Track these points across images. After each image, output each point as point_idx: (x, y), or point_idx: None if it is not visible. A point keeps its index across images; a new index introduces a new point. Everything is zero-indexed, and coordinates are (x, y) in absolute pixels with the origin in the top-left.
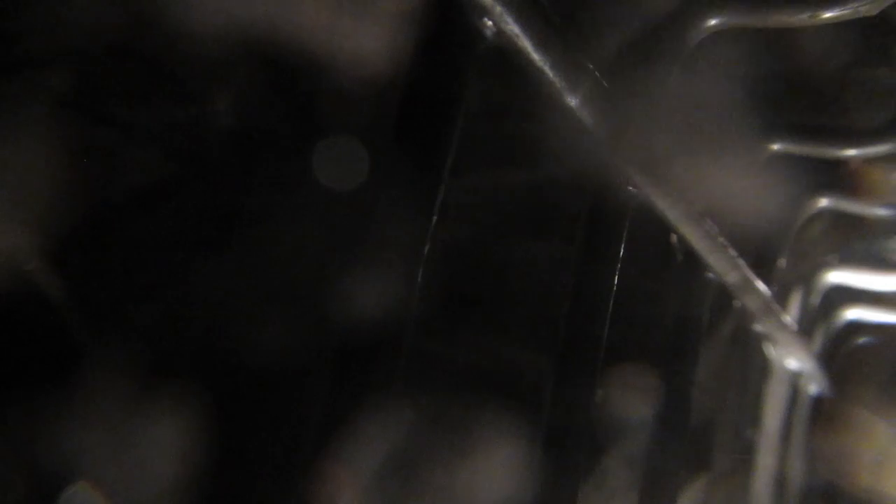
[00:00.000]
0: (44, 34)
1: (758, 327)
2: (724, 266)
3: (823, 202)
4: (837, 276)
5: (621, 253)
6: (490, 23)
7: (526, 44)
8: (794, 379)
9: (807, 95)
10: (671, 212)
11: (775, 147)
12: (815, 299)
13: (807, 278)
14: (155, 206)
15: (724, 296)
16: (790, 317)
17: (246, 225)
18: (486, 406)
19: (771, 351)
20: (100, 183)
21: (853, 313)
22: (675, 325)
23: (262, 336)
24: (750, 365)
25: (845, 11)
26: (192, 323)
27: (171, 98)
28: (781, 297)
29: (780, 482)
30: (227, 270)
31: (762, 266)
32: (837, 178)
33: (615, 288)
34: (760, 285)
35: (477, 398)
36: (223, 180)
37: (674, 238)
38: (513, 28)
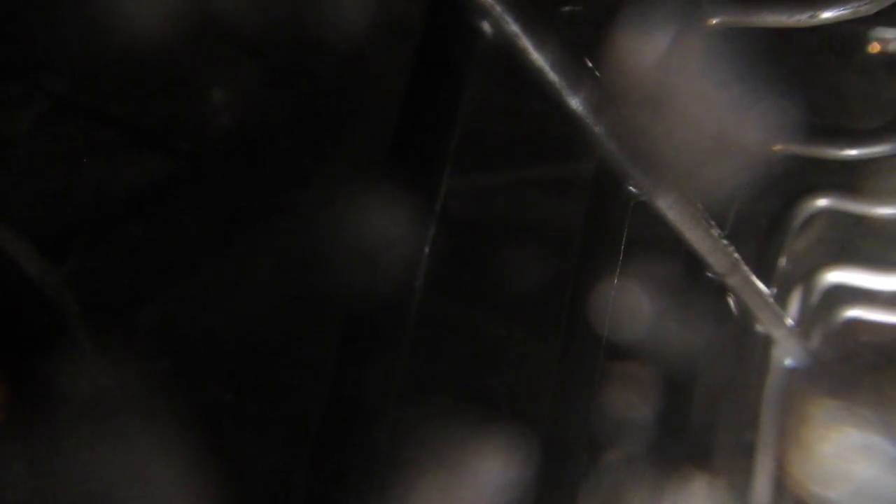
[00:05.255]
0: (44, 35)
1: (758, 327)
2: (725, 266)
3: (823, 202)
4: (837, 276)
5: (621, 253)
6: (490, 23)
7: (526, 44)
8: (794, 378)
9: (807, 95)
10: (671, 212)
11: (775, 147)
12: (815, 299)
13: (807, 278)
14: (156, 205)
15: (724, 296)
16: (790, 317)
17: (246, 225)
18: (486, 405)
19: (771, 351)
20: (100, 182)
21: (853, 313)
22: (675, 325)
23: (263, 336)
24: (750, 365)
25: (845, 11)
26: (193, 320)
27: (172, 98)
28: (781, 297)
29: (780, 482)
30: (227, 271)
31: (762, 266)
32: (837, 178)
33: (615, 288)
34: (760, 285)
35: (477, 397)
36: (224, 180)
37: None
38: (513, 28)
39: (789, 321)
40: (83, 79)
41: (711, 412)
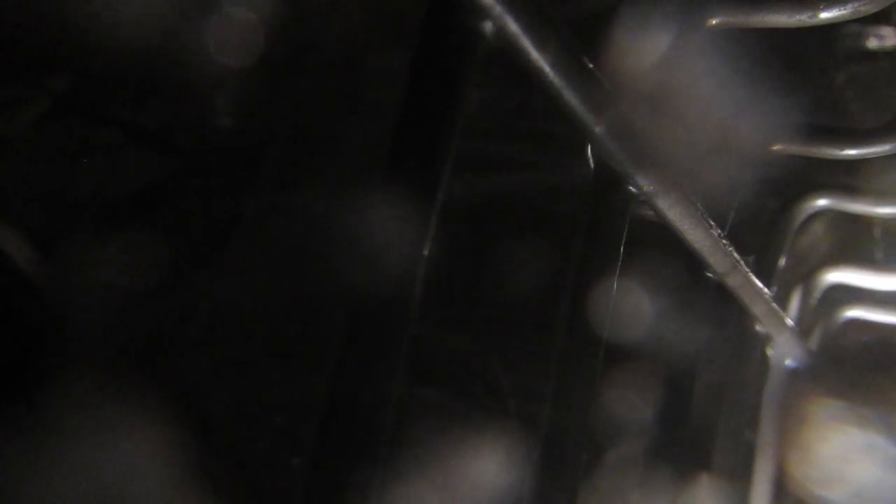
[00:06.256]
0: (44, 35)
1: (758, 327)
2: (725, 266)
3: (823, 202)
4: (837, 276)
5: (621, 253)
6: (490, 23)
7: (526, 44)
8: (794, 379)
9: (807, 95)
10: (671, 212)
11: (775, 147)
12: (815, 299)
13: (807, 278)
14: (156, 205)
15: (724, 296)
16: (790, 317)
17: (246, 225)
18: (486, 405)
19: (771, 351)
20: (100, 182)
21: (853, 313)
22: (675, 326)
23: (263, 336)
24: (750, 365)
25: (845, 11)
26: (191, 321)
27: (172, 98)
28: (781, 298)
29: (780, 482)
30: (227, 271)
31: (762, 266)
32: (837, 178)
33: (615, 288)
34: (760, 286)
35: (477, 397)
36: (224, 180)
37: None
38: (513, 28)
39: (789, 321)
40: (83, 79)
41: (711, 412)
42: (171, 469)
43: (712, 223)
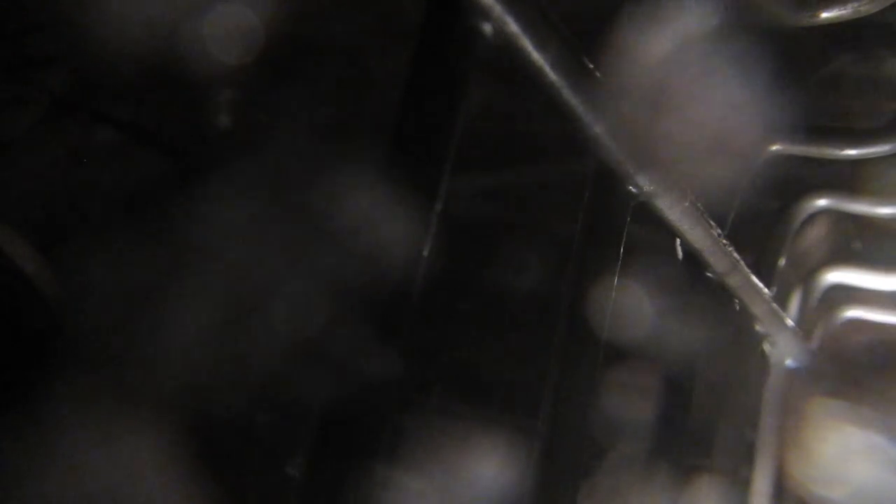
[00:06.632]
0: (44, 35)
1: (758, 327)
2: (725, 266)
3: (823, 202)
4: (837, 276)
5: (621, 253)
6: (490, 23)
7: (526, 44)
8: (794, 378)
9: (807, 95)
10: (671, 212)
11: (775, 147)
12: (815, 299)
13: (806, 278)
14: (155, 204)
15: (724, 296)
16: (790, 316)
17: (245, 226)
18: (486, 405)
19: (771, 351)
20: (100, 182)
21: (853, 313)
22: (675, 325)
23: (262, 336)
24: (750, 365)
25: (845, 11)
26: (191, 321)
27: (172, 98)
28: (781, 297)
29: (780, 482)
30: (227, 271)
31: (762, 266)
32: (837, 178)
33: (615, 288)
34: (760, 285)
35: (477, 397)
36: (224, 180)
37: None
38: (513, 28)
39: (789, 321)
40: (83, 79)
41: (711, 412)
42: (171, 468)
43: (712, 223)
